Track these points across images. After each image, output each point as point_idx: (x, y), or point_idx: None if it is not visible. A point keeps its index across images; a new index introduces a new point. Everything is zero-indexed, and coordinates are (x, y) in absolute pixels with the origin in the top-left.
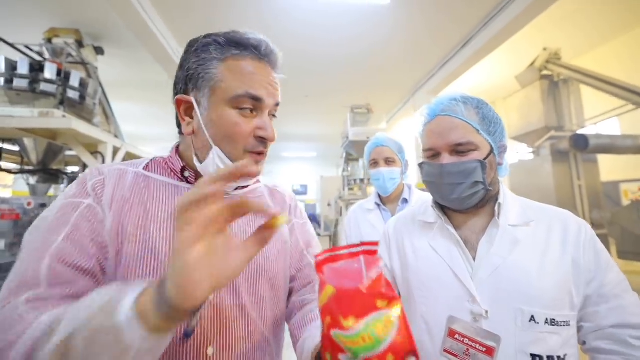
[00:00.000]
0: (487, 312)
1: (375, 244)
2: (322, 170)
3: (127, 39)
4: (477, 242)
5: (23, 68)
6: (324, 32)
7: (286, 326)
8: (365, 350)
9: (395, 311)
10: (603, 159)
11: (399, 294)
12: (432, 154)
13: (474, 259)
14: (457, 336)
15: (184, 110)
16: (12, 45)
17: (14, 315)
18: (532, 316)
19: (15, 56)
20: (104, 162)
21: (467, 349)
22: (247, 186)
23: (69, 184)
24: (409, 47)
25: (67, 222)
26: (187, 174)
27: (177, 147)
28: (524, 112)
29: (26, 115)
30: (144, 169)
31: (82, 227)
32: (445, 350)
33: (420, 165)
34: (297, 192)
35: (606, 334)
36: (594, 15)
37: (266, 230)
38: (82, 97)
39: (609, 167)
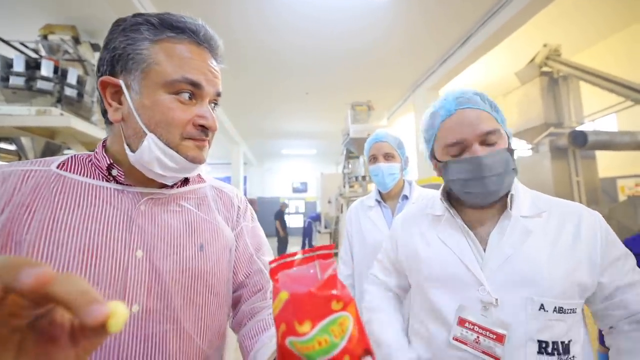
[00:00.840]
0: (497, 300)
1: (331, 247)
2: (322, 168)
3: None
4: (488, 235)
5: (19, 65)
6: (325, 27)
7: (228, 335)
8: (321, 354)
9: (350, 312)
10: (600, 155)
11: (409, 285)
12: (460, 147)
13: (484, 250)
14: (467, 324)
15: (110, 94)
16: (7, 42)
17: None
18: (542, 305)
19: (10, 53)
20: None
21: (477, 337)
22: (187, 181)
23: None
24: (409, 43)
25: None
26: (114, 172)
27: (104, 142)
28: (523, 109)
29: (23, 114)
30: (58, 167)
31: None
32: (455, 339)
33: (445, 164)
34: (297, 190)
35: (638, 317)
36: (591, 12)
37: (96, 333)
38: (80, 95)
39: (606, 163)
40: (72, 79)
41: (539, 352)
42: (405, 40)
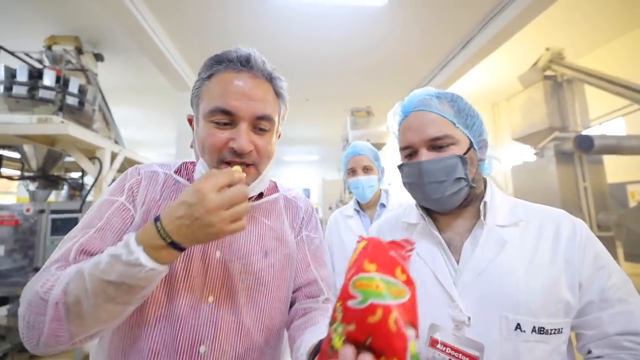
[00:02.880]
0: (469, 318)
1: (412, 242)
2: (324, 173)
3: (127, 45)
4: (462, 245)
5: (22, 75)
6: (322, 32)
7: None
8: (375, 296)
9: (410, 290)
10: (609, 160)
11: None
12: (409, 152)
13: (458, 263)
14: (439, 345)
15: (192, 127)
16: (11, 53)
17: (46, 274)
18: (518, 324)
19: (15, 64)
20: (101, 168)
21: None
22: (261, 195)
23: (69, 190)
24: (408, 49)
25: (102, 217)
26: None
27: None
28: (527, 113)
29: (24, 122)
30: (175, 172)
31: (114, 222)
32: None
33: (400, 167)
34: None
35: (612, 341)
36: (594, 15)
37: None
38: (81, 104)
39: (615, 168)
40: (73, 87)
41: None
42: (404, 45)
